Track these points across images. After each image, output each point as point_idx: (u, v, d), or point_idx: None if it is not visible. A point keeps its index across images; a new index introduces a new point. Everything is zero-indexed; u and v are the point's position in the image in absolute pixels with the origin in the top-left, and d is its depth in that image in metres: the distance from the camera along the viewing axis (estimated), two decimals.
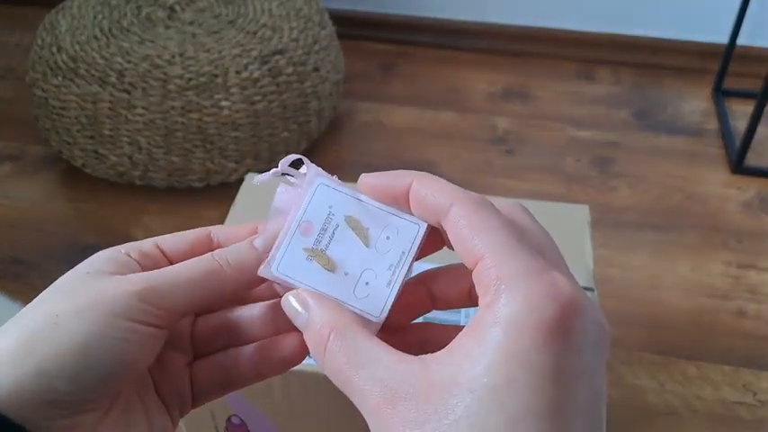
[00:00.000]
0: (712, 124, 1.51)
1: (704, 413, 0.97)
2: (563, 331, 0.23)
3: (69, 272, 0.30)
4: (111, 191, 1.32)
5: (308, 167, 0.31)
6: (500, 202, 0.28)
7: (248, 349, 0.33)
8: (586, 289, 0.64)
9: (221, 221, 0.72)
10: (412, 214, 0.29)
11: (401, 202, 0.29)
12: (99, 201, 1.31)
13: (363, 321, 0.28)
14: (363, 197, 0.30)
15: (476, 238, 0.25)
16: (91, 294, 0.27)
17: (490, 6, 1.72)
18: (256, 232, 0.32)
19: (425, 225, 0.29)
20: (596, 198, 1.31)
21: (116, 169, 1.29)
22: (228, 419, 0.64)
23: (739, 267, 1.18)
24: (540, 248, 0.26)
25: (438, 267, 0.31)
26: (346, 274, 0.29)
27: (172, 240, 0.33)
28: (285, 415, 0.62)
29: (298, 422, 0.62)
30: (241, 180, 0.78)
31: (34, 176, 1.37)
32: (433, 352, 0.25)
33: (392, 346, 0.26)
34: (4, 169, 1.39)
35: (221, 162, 1.28)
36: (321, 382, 0.56)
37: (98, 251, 0.31)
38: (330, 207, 0.30)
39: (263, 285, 0.32)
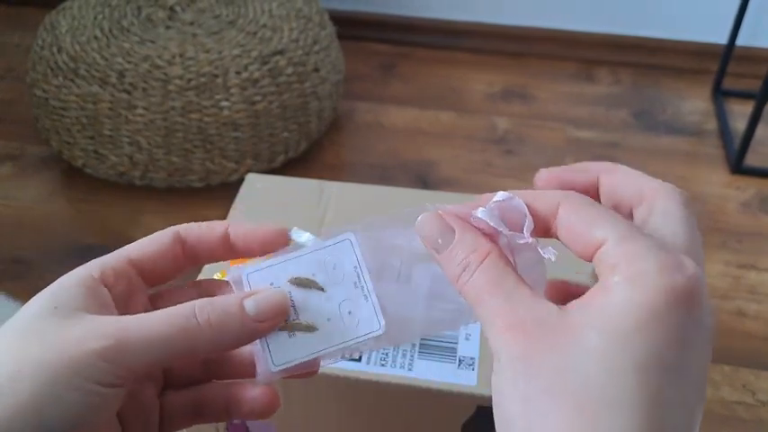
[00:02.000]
0: (712, 124, 1.51)
1: (704, 413, 0.97)
2: (689, 300, 0.25)
3: (38, 299, 0.29)
4: (112, 191, 1.32)
5: (230, 271, 0.32)
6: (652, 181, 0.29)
7: (221, 389, 0.33)
8: None
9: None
10: (333, 239, 0.31)
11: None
12: (99, 201, 1.31)
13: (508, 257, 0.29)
14: (289, 255, 0.31)
15: (593, 228, 0.27)
16: (55, 346, 0.27)
17: (490, 7, 1.72)
18: (229, 235, 0.32)
19: (351, 234, 0.31)
20: None
21: (116, 169, 1.29)
22: (228, 419, 0.64)
23: (739, 267, 1.18)
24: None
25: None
26: (329, 319, 0.30)
27: (142, 249, 0.32)
28: (285, 415, 0.62)
29: (297, 423, 0.62)
30: (241, 180, 0.79)
31: (34, 177, 1.37)
32: None
33: None
34: (5, 169, 1.39)
35: (221, 162, 1.29)
36: (321, 383, 0.56)
37: (98, 252, 0.31)
38: (271, 283, 0.31)
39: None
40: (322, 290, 0.31)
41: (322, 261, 0.31)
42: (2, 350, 0.27)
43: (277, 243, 0.32)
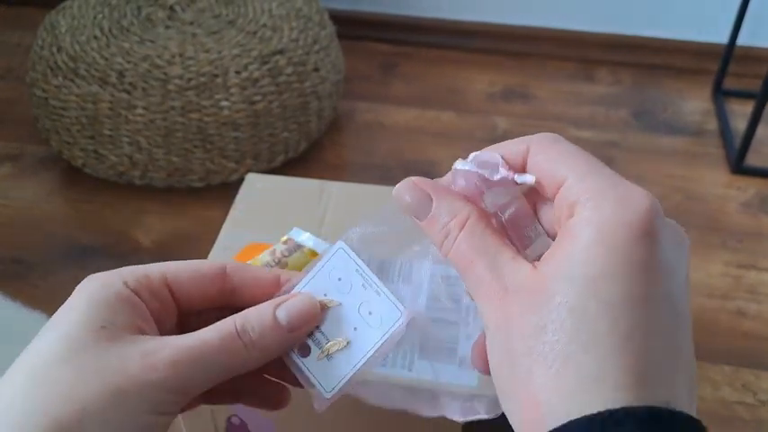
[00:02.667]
0: (712, 124, 1.51)
1: (704, 413, 0.97)
2: (649, 230, 0.25)
3: (75, 317, 0.28)
4: (111, 191, 1.32)
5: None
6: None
7: (238, 379, 0.33)
8: None
9: (221, 221, 0.72)
10: (328, 254, 0.32)
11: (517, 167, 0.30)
12: (99, 201, 1.31)
13: (488, 217, 0.29)
14: (297, 286, 0.32)
15: (556, 165, 0.28)
16: (115, 378, 0.27)
17: (490, 6, 1.72)
18: (279, 283, 0.32)
19: (342, 242, 0.32)
20: None
21: (116, 169, 1.29)
22: (228, 419, 0.64)
23: (739, 267, 1.18)
24: None
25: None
26: (356, 329, 0.31)
27: (180, 274, 0.31)
28: (285, 415, 0.62)
29: (297, 423, 0.62)
30: (241, 180, 0.79)
31: (34, 176, 1.37)
32: None
33: None
34: (5, 169, 1.39)
35: (221, 162, 1.28)
36: None
37: (97, 252, 0.31)
38: None
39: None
40: (339, 305, 0.31)
41: (327, 278, 0.32)
42: (58, 385, 0.26)
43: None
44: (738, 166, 1.36)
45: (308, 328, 0.31)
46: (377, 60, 1.71)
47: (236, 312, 0.31)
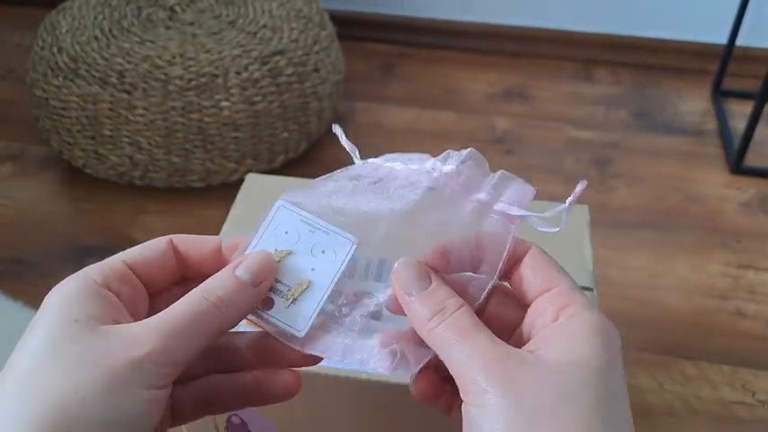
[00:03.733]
0: (711, 125, 1.51)
1: (703, 413, 0.97)
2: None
3: (50, 314, 0.29)
4: (112, 191, 1.32)
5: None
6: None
7: (237, 378, 0.34)
8: (585, 289, 0.64)
9: (222, 221, 0.72)
10: (269, 214, 0.35)
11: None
12: (99, 201, 1.31)
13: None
14: (249, 249, 0.34)
15: (549, 272, 0.33)
16: (102, 361, 0.27)
17: (490, 6, 1.72)
18: (221, 249, 0.34)
19: (281, 201, 0.35)
20: (596, 198, 1.31)
21: (116, 169, 1.29)
22: (228, 419, 0.64)
23: (738, 267, 1.18)
24: None
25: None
26: (313, 269, 0.33)
27: (139, 254, 0.33)
28: (285, 415, 0.62)
29: (297, 422, 0.63)
30: (241, 180, 0.79)
31: (35, 177, 1.37)
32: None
33: None
34: (5, 169, 1.39)
35: (221, 162, 1.29)
36: (321, 383, 0.56)
37: (98, 252, 0.31)
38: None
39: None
40: (290, 253, 0.33)
41: (274, 236, 0.34)
42: (48, 378, 0.27)
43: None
44: (738, 166, 1.37)
45: (269, 280, 0.32)
46: (376, 61, 1.71)
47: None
